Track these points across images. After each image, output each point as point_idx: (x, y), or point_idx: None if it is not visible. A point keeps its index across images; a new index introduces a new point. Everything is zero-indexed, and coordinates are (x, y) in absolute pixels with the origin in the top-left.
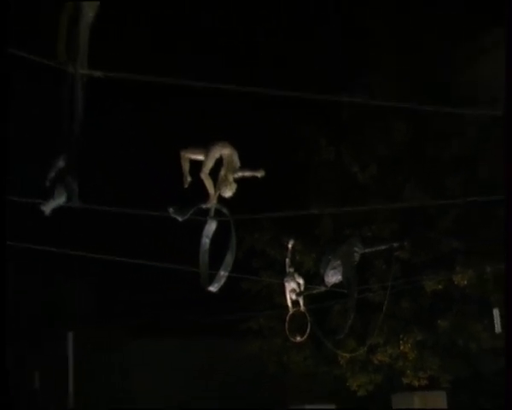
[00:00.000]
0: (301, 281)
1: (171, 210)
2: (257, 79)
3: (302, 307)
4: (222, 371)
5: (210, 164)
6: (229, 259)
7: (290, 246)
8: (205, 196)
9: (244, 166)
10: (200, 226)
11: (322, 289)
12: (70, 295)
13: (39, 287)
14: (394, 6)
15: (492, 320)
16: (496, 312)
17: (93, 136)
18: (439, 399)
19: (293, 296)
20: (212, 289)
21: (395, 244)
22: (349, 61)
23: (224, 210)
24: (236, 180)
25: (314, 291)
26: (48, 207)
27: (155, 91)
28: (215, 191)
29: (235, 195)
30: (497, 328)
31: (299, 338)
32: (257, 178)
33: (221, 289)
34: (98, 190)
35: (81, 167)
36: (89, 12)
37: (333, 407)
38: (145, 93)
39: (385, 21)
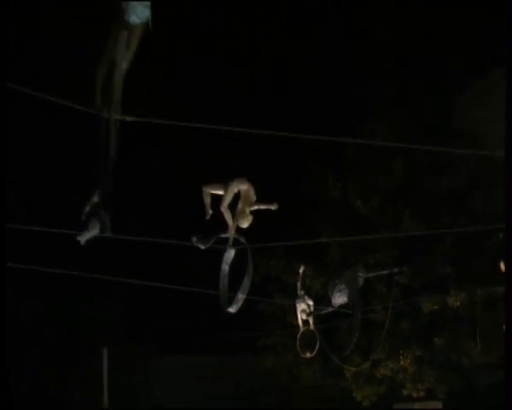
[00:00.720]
0: (311, 302)
1: (194, 239)
2: (275, 119)
3: (312, 326)
4: (241, 383)
5: (229, 198)
6: (246, 283)
7: (301, 271)
8: (224, 226)
9: (259, 199)
10: (220, 254)
11: (330, 309)
12: (104, 317)
13: (77, 309)
14: (395, 56)
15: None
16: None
17: (124, 174)
18: (436, 409)
19: (304, 316)
20: (232, 310)
21: (395, 270)
22: (356, 106)
23: (242, 239)
24: (253, 212)
25: (322, 312)
26: (83, 238)
27: (180, 133)
28: (233, 222)
29: (252, 225)
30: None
31: (309, 354)
32: (271, 210)
33: (239, 311)
34: (129, 223)
35: (113, 202)
36: (123, 64)
37: None
38: (171, 135)
39: (386, 71)
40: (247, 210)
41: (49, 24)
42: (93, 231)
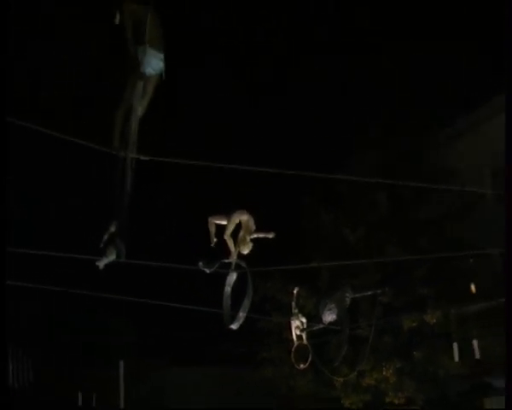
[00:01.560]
0: (304, 320)
1: (200, 264)
2: (271, 156)
3: (305, 341)
4: (242, 392)
5: (231, 227)
6: (246, 303)
7: (295, 292)
8: (227, 252)
9: (258, 229)
10: (224, 277)
11: (321, 326)
12: (121, 332)
13: (96, 325)
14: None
15: (457, 351)
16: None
17: (138, 206)
18: None
19: (298, 332)
20: (233, 327)
21: (378, 291)
22: (344, 146)
23: (243, 264)
24: (252, 240)
25: (314, 328)
26: (101, 263)
27: (189, 170)
28: (235, 249)
29: (252, 252)
30: (478, 354)
31: (302, 366)
32: (269, 238)
33: (240, 327)
34: (142, 249)
35: (128, 231)
36: (139, 110)
37: None
38: (181, 171)
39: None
40: (248, 238)
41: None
42: (110, 257)
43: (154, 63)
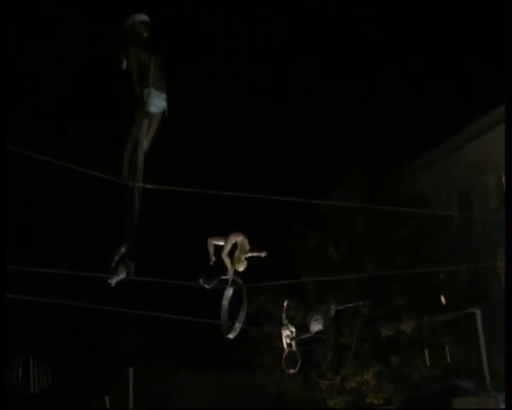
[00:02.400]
0: (293, 329)
1: (200, 280)
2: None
3: (294, 348)
4: (239, 395)
5: (228, 247)
6: (242, 315)
7: (285, 305)
8: (224, 270)
9: (252, 248)
10: (221, 292)
11: (308, 335)
12: (130, 342)
13: (109, 336)
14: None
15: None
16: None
17: (145, 230)
18: None
19: (288, 340)
20: (230, 336)
21: (359, 303)
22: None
23: (238, 280)
24: (247, 259)
25: (302, 337)
26: (113, 281)
27: (190, 196)
28: (232, 267)
29: (246, 269)
30: (449, 358)
31: (292, 370)
32: (261, 257)
33: (237, 337)
34: (149, 268)
35: (136, 252)
36: (144, 143)
37: None
38: (183, 197)
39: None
40: (243, 257)
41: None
42: (121, 275)
43: (157, 102)
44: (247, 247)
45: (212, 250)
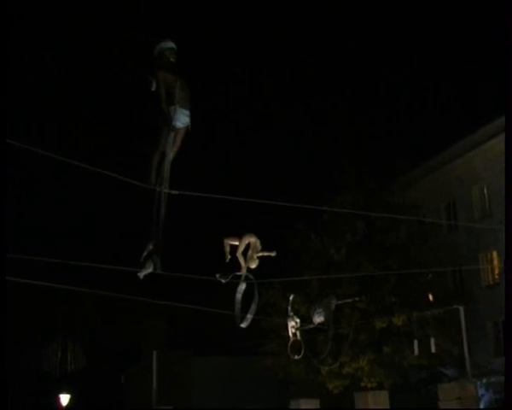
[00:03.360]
0: (298, 321)
1: (217, 276)
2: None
3: (298, 337)
4: (249, 377)
5: (242, 247)
6: (253, 307)
7: (291, 299)
8: (238, 267)
9: (263, 248)
10: (235, 286)
11: (311, 326)
12: (154, 329)
13: (134, 324)
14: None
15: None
16: (415, 342)
17: (170, 230)
18: (383, 396)
19: (293, 330)
20: (243, 326)
21: (356, 299)
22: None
23: (251, 276)
24: (258, 257)
25: (306, 328)
26: (142, 274)
27: (210, 202)
28: (245, 264)
29: (258, 267)
30: (434, 349)
31: (296, 357)
32: (271, 256)
33: (249, 326)
34: (173, 264)
35: (162, 249)
36: (170, 155)
37: (317, 401)
38: (204, 203)
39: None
40: (255, 256)
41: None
42: (148, 269)
43: (182, 119)
44: (259, 247)
45: (227, 249)
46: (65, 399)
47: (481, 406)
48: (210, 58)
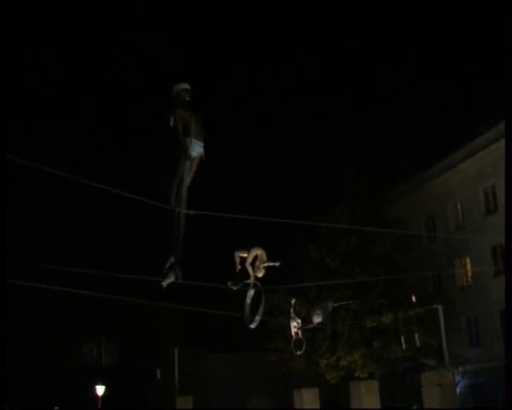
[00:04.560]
0: (299, 321)
1: (229, 283)
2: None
3: (300, 336)
4: (257, 371)
5: (250, 258)
6: (261, 310)
7: (293, 302)
8: (247, 276)
9: (269, 259)
10: (245, 292)
11: (311, 325)
12: (175, 329)
13: (157, 325)
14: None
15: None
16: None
17: (188, 244)
18: (374, 385)
19: (295, 330)
20: (252, 326)
21: (350, 301)
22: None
23: (258, 284)
24: (264, 267)
25: (306, 327)
26: (165, 283)
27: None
28: (253, 273)
29: (264, 275)
30: (417, 343)
31: (298, 352)
32: (276, 266)
33: (257, 327)
34: (192, 274)
35: (183, 261)
36: (187, 178)
37: (316, 389)
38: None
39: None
40: (261, 266)
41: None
42: (171, 279)
43: (196, 149)
44: (265, 258)
45: (237, 260)
46: (100, 389)
47: (458, 390)
48: (210, 58)
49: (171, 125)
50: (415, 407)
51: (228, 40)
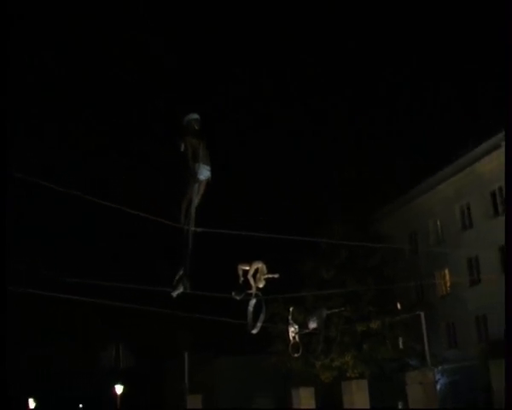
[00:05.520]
0: (296, 327)
1: (233, 293)
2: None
3: (297, 340)
4: (259, 372)
5: (252, 271)
6: (262, 317)
7: (291, 310)
8: (249, 286)
9: (269, 272)
10: (247, 301)
11: (307, 331)
12: (185, 335)
13: (169, 332)
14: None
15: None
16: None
17: (195, 258)
18: (364, 383)
19: (293, 335)
20: (254, 332)
21: (342, 309)
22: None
23: (259, 293)
24: (265, 279)
25: (303, 332)
26: (174, 293)
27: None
28: (254, 284)
29: (265, 286)
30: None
31: (296, 355)
32: (275, 278)
33: (259, 332)
34: (201, 283)
35: (191, 274)
36: (196, 200)
37: (312, 388)
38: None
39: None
40: (262, 278)
41: None
42: (180, 290)
43: (204, 173)
44: (265, 270)
45: (240, 273)
46: (119, 389)
47: (438, 387)
48: (210, 58)
49: (182, 150)
50: (400, 407)
51: (228, 40)
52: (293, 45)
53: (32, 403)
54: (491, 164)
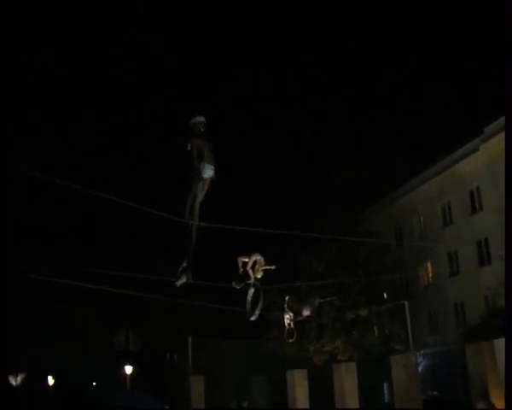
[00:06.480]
0: (291, 314)
1: (233, 283)
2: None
3: (292, 326)
4: (257, 356)
5: (251, 263)
6: (260, 305)
7: (286, 299)
8: (248, 277)
9: (266, 263)
10: (246, 291)
11: (301, 318)
12: (189, 320)
13: (177, 317)
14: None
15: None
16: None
17: (198, 251)
18: (353, 366)
19: (288, 322)
20: (252, 319)
21: (334, 298)
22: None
23: (257, 284)
24: (263, 270)
25: (297, 319)
26: (178, 283)
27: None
28: (253, 275)
29: (262, 277)
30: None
31: (291, 340)
32: (272, 269)
33: (257, 319)
34: (201, 275)
35: (193, 265)
36: (200, 196)
37: (305, 370)
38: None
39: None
40: (260, 269)
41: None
42: (183, 280)
43: (208, 172)
44: (263, 262)
45: (240, 264)
46: (129, 369)
47: (419, 369)
48: (210, 58)
49: (188, 149)
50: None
51: (228, 40)
52: (293, 45)
53: (50, 380)
54: (469, 166)
